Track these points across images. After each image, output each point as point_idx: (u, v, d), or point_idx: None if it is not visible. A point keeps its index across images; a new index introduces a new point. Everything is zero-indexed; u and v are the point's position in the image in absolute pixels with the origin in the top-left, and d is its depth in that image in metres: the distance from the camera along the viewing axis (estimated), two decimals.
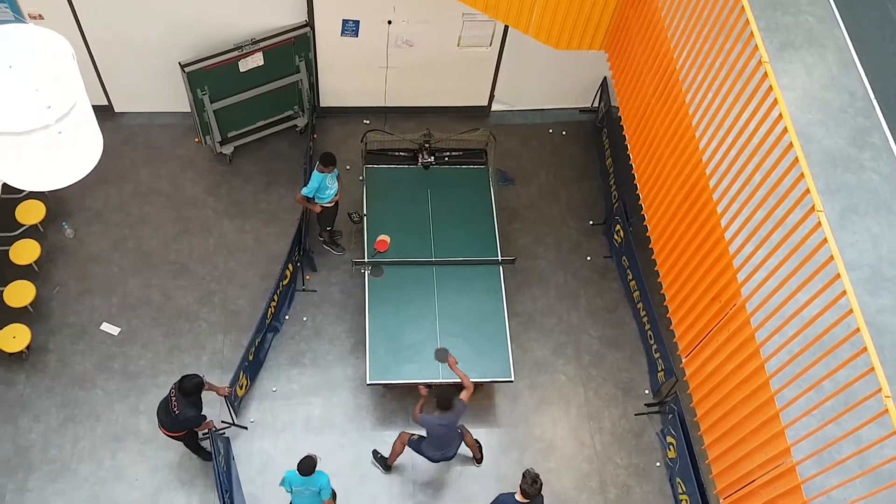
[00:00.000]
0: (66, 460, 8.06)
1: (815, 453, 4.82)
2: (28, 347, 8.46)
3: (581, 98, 10.71)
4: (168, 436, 7.59)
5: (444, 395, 7.30)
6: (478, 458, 8.24)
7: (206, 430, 7.58)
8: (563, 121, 10.80)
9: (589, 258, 9.72)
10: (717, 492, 5.92)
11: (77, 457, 8.09)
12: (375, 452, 8.26)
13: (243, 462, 8.11)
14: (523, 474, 6.84)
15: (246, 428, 8.35)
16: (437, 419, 7.36)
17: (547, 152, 10.55)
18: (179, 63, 8.84)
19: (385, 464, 8.16)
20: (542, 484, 6.79)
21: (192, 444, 7.95)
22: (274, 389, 8.63)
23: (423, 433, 7.66)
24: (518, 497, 6.88)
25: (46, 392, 8.41)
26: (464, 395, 7.50)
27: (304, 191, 8.58)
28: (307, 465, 6.94)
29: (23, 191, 9.12)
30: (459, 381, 7.71)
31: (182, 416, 7.25)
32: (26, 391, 8.39)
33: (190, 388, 7.18)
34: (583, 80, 10.36)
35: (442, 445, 7.60)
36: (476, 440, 8.19)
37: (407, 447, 7.85)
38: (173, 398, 7.29)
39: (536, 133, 10.70)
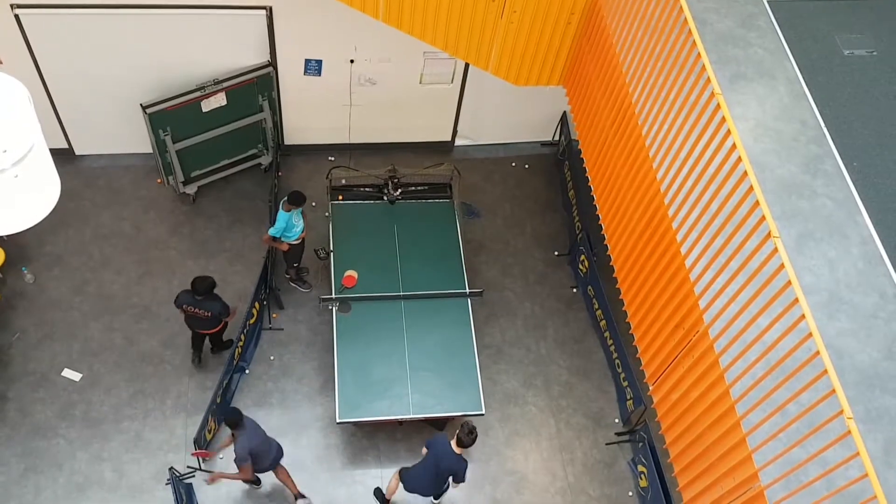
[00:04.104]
0: None
1: (783, 477, 4.86)
2: None
3: (542, 132, 10.89)
4: (204, 333, 8.38)
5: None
6: None
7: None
8: (526, 154, 10.95)
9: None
10: None
11: None
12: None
13: None
14: (461, 425, 7.00)
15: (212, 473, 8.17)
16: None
17: (510, 185, 10.67)
18: (141, 104, 8.81)
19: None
20: (477, 436, 6.99)
21: (219, 338, 8.57)
22: (272, 357, 8.84)
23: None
24: (453, 444, 7.03)
25: (6, 442, 8.16)
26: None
27: (272, 231, 8.55)
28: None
29: None
30: (432, 417, 7.63)
31: (215, 313, 7.95)
32: None
33: (205, 288, 7.79)
34: (543, 114, 10.54)
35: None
36: None
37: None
38: (195, 309, 7.92)
39: (500, 167, 10.82)
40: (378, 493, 8.12)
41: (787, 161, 6.22)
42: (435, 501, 8.17)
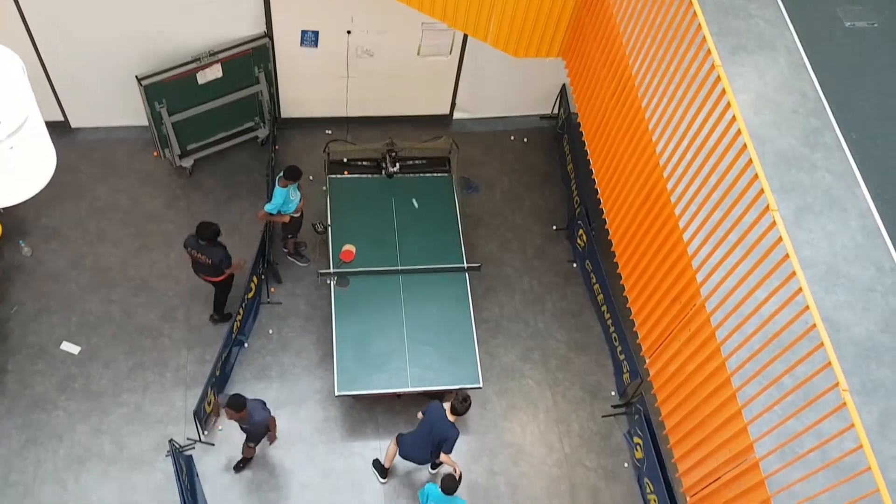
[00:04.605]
0: (27, 484, 7.87)
1: (778, 448, 4.90)
2: None
3: (541, 105, 10.82)
4: (208, 281, 8.43)
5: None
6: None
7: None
8: (525, 128, 10.89)
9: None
10: (683, 490, 5.98)
11: (39, 480, 7.90)
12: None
13: (210, 479, 7.99)
14: (456, 393, 7.15)
15: (213, 444, 8.23)
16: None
17: (509, 159, 10.63)
18: (136, 76, 8.73)
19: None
20: (471, 404, 7.15)
21: (223, 296, 8.61)
22: (271, 331, 8.90)
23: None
24: (448, 413, 7.16)
25: (6, 414, 8.20)
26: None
27: (268, 207, 8.51)
28: (451, 485, 6.88)
29: None
30: (430, 390, 7.70)
31: (216, 261, 7.96)
32: None
33: (208, 234, 7.84)
34: (542, 87, 10.46)
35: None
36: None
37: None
38: (198, 254, 7.99)
39: (498, 140, 10.77)
40: (377, 464, 8.19)
41: (786, 134, 6.19)
42: (432, 471, 8.25)
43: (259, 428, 7.38)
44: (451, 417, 7.19)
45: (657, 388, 6.30)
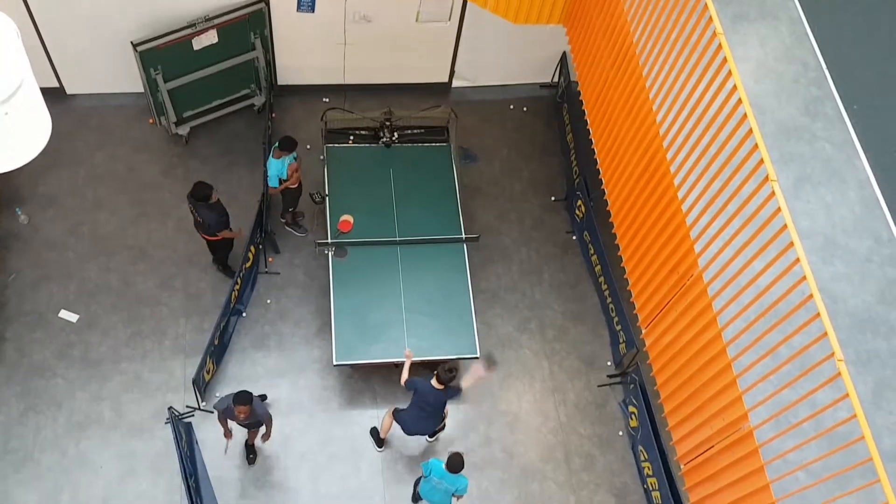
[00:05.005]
0: (28, 450, 7.93)
1: (772, 418, 4.95)
2: None
3: (541, 73, 10.73)
4: (208, 239, 8.45)
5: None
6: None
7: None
8: (524, 97, 10.81)
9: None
10: (677, 458, 6.05)
11: (39, 446, 7.96)
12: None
13: (210, 446, 8.06)
14: (441, 364, 7.31)
15: (212, 412, 8.29)
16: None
17: (508, 129, 10.56)
18: (131, 42, 8.63)
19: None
20: (456, 374, 7.30)
21: (219, 255, 8.68)
22: (269, 301, 8.92)
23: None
24: (434, 381, 7.30)
25: (5, 382, 8.24)
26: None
27: (271, 183, 8.51)
28: (456, 463, 6.92)
29: None
30: (428, 359, 7.75)
31: (207, 222, 7.99)
32: None
33: (199, 195, 7.83)
34: (542, 55, 10.36)
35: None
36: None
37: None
38: (193, 210, 8.07)
39: (497, 109, 10.69)
40: (374, 432, 8.26)
41: (787, 103, 6.16)
42: (430, 439, 8.32)
43: (262, 417, 7.38)
44: (437, 385, 7.31)
45: (653, 358, 6.34)
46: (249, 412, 6.99)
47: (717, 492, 5.48)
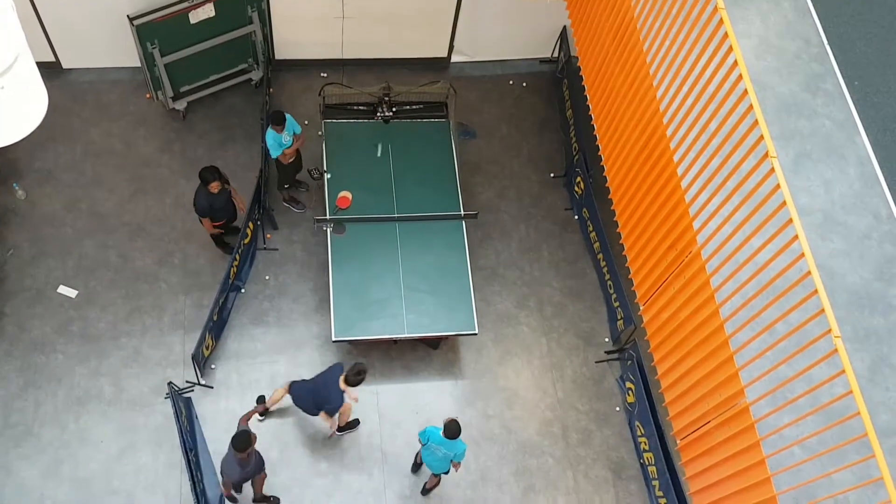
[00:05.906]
0: (28, 425, 7.98)
1: (768, 394, 4.99)
2: None
3: (541, 48, 10.64)
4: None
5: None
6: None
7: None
8: (524, 72, 10.73)
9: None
10: (674, 433, 6.10)
11: (39, 421, 8.01)
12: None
13: (210, 421, 8.11)
14: (352, 365, 7.26)
15: (212, 387, 8.34)
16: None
17: (508, 105, 10.50)
18: (128, 16, 8.55)
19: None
20: (364, 378, 7.23)
21: (219, 237, 8.76)
22: (267, 277, 8.92)
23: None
24: (341, 381, 7.27)
25: (5, 357, 8.27)
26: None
27: (273, 155, 8.46)
28: (453, 429, 6.94)
29: None
30: (426, 336, 7.75)
31: (194, 201, 8.12)
32: None
33: (203, 176, 7.89)
34: (542, 29, 10.27)
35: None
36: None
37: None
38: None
39: (497, 85, 10.62)
40: (261, 399, 8.22)
41: (788, 80, 6.13)
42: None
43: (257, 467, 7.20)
44: (342, 386, 7.26)
45: (650, 335, 6.37)
46: (250, 453, 6.77)
47: (713, 466, 5.53)
